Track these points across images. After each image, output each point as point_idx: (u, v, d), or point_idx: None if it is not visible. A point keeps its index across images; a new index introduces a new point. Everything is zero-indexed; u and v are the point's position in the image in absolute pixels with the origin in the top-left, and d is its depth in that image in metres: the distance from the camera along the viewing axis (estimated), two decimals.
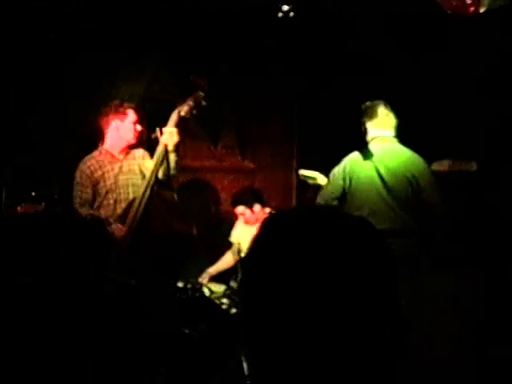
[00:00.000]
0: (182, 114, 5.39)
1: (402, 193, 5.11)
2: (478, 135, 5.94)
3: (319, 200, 5.29)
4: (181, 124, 5.40)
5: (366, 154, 5.18)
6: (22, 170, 5.88)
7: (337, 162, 7.04)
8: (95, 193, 5.38)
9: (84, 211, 5.27)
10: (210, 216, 7.36)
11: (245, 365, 4.10)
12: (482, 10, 5.25)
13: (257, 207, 6.07)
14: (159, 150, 5.35)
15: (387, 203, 5.10)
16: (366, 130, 5.32)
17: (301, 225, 1.24)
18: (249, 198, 6.13)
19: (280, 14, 6.23)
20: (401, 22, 6.04)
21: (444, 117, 6.08)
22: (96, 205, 5.37)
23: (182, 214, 5.54)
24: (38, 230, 2.06)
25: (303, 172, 5.71)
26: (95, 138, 5.81)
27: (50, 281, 1.97)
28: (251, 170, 7.45)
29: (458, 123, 6.02)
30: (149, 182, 5.28)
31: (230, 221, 6.62)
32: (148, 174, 5.33)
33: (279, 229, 1.26)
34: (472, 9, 5.22)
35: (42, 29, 6.27)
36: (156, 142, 5.53)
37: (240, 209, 6.11)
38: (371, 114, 5.28)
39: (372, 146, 5.24)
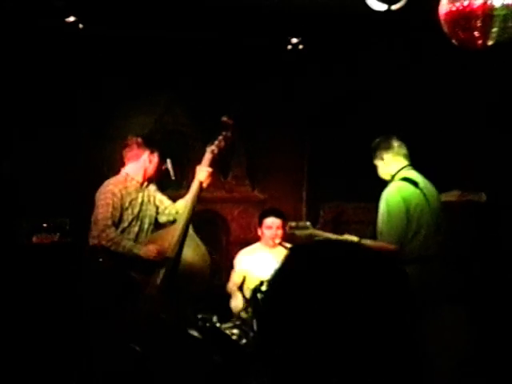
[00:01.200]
0: (216, 152, 5.53)
1: (440, 218, 5.16)
2: (488, 166, 5.96)
3: (391, 239, 5.04)
4: (213, 163, 5.55)
5: (413, 182, 5.17)
6: (33, 201, 5.91)
7: (347, 192, 7.12)
8: (120, 217, 5.38)
9: (111, 232, 5.25)
10: (221, 246, 7.40)
11: None
12: (489, 43, 5.28)
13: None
14: (195, 188, 5.50)
15: (435, 229, 5.13)
16: (384, 162, 5.29)
17: (323, 260, 1.26)
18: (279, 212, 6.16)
19: (289, 47, 6.31)
20: (409, 52, 6.09)
21: (454, 147, 6.12)
22: (119, 230, 5.38)
23: (203, 247, 5.60)
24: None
25: (291, 223, 5.67)
26: (105, 169, 5.86)
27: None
28: (261, 201, 7.48)
29: (468, 154, 6.05)
30: (186, 220, 5.41)
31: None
32: (185, 211, 5.46)
33: (302, 263, 1.27)
34: (480, 42, 5.25)
35: (57, 55, 6.36)
36: (166, 172, 5.57)
37: (270, 220, 6.09)
38: (387, 146, 5.28)
39: (408, 174, 5.22)
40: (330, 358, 1.19)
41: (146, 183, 5.54)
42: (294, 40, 6.26)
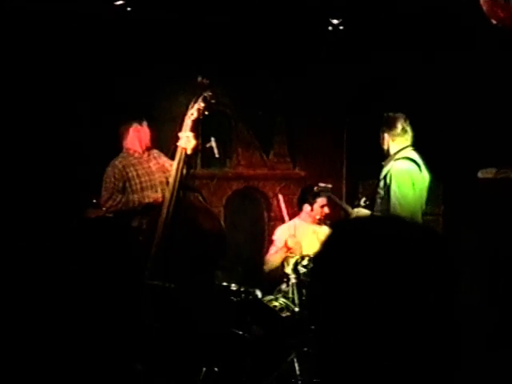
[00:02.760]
0: (195, 116, 5.44)
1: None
2: None
3: (405, 213, 5.35)
4: (195, 126, 5.46)
5: (417, 164, 5.46)
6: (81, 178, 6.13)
7: None
8: (130, 187, 5.66)
9: (117, 197, 5.60)
10: (263, 222, 7.57)
11: (296, 365, 4.27)
12: None
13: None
14: (178, 155, 5.40)
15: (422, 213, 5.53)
16: (388, 137, 5.55)
17: (367, 232, 1.28)
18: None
19: (330, 28, 6.41)
20: (445, 33, 6.15)
21: (491, 124, 6.18)
22: (135, 200, 5.67)
23: (211, 213, 5.63)
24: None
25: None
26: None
27: None
28: (302, 178, 7.63)
29: (506, 130, 6.11)
30: (173, 187, 5.37)
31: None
32: (170, 179, 5.44)
33: (347, 235, 1.30)
34: None
35: (93, 42, 6.53)
36: (210, 150, 5.69)
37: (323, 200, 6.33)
38: (391, 126, 5.57)
39: (410, 155, 5.46)
40: (376, 331, 1.20)
41: (146, 153, 5.81)
42: (335, 21, 6.35)
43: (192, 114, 5.41)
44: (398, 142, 5.57)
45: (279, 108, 7.46)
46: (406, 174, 5.44)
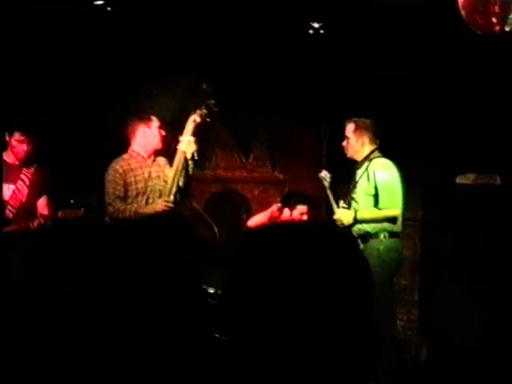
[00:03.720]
0: (198, 121, 5.54)
1: None
2: (503, 149, 6.07)
3: (396, 205, 5.66)
4: (196, 132, 5.56)
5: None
6: (60, 178, 6.08)
7: None
8: (126, 193, 5.58)
9: (117, 204, 5.48)
10: (241, 225, 7.56)
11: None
12: (507, 29, 5.36)
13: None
14: (178, 158, 5.50)
15: None
16: (363, 142, 5.80)
17: (278, 239, 1.32)
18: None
19: (311, 31, 6.43)
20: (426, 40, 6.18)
21: (469, 130, 6.22)
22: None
23: (205, 220, 5.65)
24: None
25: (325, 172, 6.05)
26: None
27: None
28: (281, 181, 7.63)
29: (483, 137, 6.15)
30: (170, 191, 5.45)
31: None
32: (168, 182, 5.50)
33: (257, 243, 1.35)
34: (497, 28, 5.33)
35: (84, 39, 6.51)
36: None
37: (303, 207, 6.35)
38: (366, 128, 5.80)
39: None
40: (280, 326, 1.24)
41: (152, 158, 5.70)
42: (316, 25, 6.36)
43: (194, 119, 5.54)
44: (372, 145, 5.78)
45: (258, 110, 7.45)
46: (393, 166, 5.65)
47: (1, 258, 5.52)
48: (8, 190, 5.67)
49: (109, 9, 6.08)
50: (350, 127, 5.82)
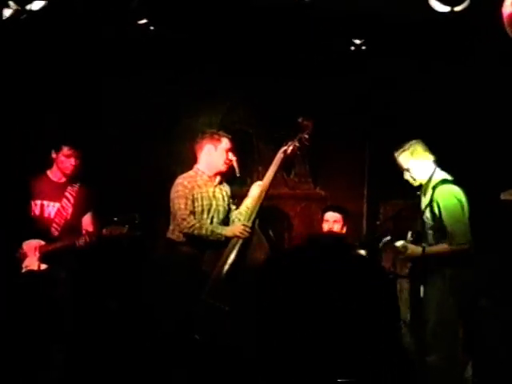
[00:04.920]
0: (288, 153, 5.66)
1: None
2: None
3: (468, 240, 5.21)
4: (284, 164, 5.73)
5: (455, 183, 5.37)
6: (106, 199, 6.14)
7: (407, 190, 7.20)
8: (194, 209, 5.57)
9: (191, 220, 5.46)
10: (284, 242, 7.56)
11: None
12: None
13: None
14: (264, 185, 5.67)
15: None
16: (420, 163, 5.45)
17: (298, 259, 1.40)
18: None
19: (352, 48, 6.44)
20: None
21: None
22: None
23: (265, 244, 5.69)
24: None
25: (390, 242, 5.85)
26: (175, 167, 6.07)
27: None
28: (323, 198, 7.62)
29: None
30: (250, 216, 5.55)
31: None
32: (250, 207, 5.61)
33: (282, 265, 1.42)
34: None
35: (126, 57, 6.60)
36: (232, 170, 5.71)
37: (328, 214, 6.37)
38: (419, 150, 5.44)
39: (443, 176, 5.40)
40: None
41: (217, 178, 5.71)
42: (357, 41, 6.38)
43: (286, 150, 5.68)
44: (428, 164, 5.44)
45: (300, 127, 7.45)
46: (459, 194, 5.27)
47: (47, 276, 5.59)
48: (53, 207, 5.74)
49: (152, 28, 6.14)
50: (401, 159, 5.50)
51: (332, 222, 6.33)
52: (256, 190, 5.59)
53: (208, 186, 5.65)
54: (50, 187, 5.77)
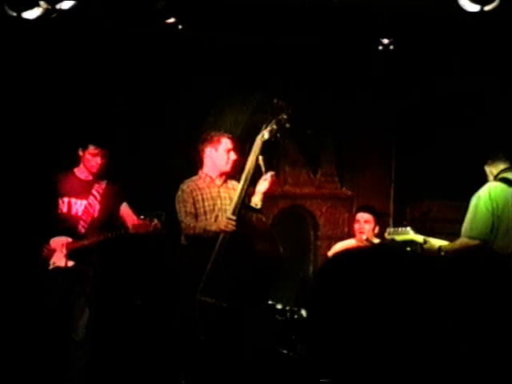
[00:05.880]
0: (266, 137, 5.42)
1: None
2: None
3: (473, 235, 5.18)
4: (264, 148, 5.44)
5: (508, 182, 5.29)
6: (131, 194, 6.16)
7: (434, 190, 7.17)
8: (196, 211, 5.59)
9: (188, 221, 5.51)
10: (309, 242, 7.56)
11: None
12: None
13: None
14: (243, 178, 5.43)
15: None
16: (488, 165, 5.44)
17: (362, 265, 1.32)
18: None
19: (380, 47, 6.41)
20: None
21: None
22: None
23: (271, 235, 5.59)
24: None
25: (390, 229, 5.83)
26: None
27: None
28: (349, 197, 7.60)
29: None
30: (235, 209, 5.37)
31: (328, 245, 6.83)
32: (233, 200, 5.44)
33: (341, 268, 1.34)
34: None
35: (155, 56, 6.62)
36: (258, 168, 5.69)
37: (359, 215, 6.34)
38: (492, 156, 5.43)
39: (507, 175, 5.35)
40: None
41: (221, 179, 5.69)
42: (385, 41, 6.35)
43: (263, 135, 5.43)
44: (498, 165, 5.40)
45: (328, 127, 7.45)
46: (477, 196, 5.24)
47: (74, 273, 5.63)
48: (80, 205, 5.78)
49: (180, 27, 6.16)
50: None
51: (363, 222, 6.30)
52: (263, 185, 5.50)
53: (211, 188, 5.66)
54: (77, 185, 5.80)
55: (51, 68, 6.41)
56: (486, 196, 5.20)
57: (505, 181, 5.28)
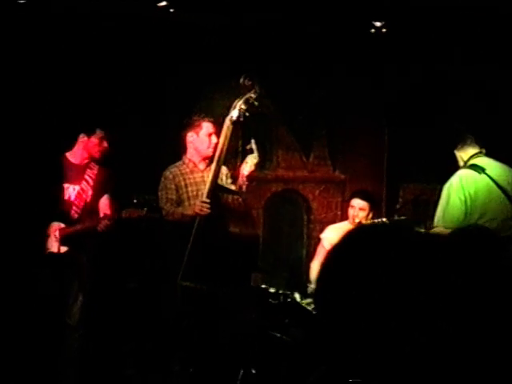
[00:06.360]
0: (234, 118, 5.40)
1: None
2: None
3: (446, 224, 5.22)
4: (235, 128, 5.44)
5: (480, 168, 5.33)
6: (123, 178, 6.15)
7: (426, 173, 7.17)
8: (179, 197, 5.64)
9: (168, 207, 5.56)
10: (302, 225, 7.56)
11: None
12: None
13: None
14: (215, 160, 5.42)
15: (509, 212, 5.26)
16: (458, 150, 5.48)
17: (379, 241, 1.29)
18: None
19: (372, 30, 6.40)
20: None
21: None
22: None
23: (248, 217, 5.58)
24: None
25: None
26: None
27: None
28: (342, 181, 7.61)
29: None
30: (208, 191, 5.39)
31: (321, 229, 6.84)
32: (207, 182, 5.44)
33: (359, 243, 1.31)
34: None
35: (146, 41, 6.59)
36: (251, 152, 5.68)
37: (354, 201, 6.33)
38: (461, 139, 5.46)
39: (477, 161, 5.38)
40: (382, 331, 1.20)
41: (204, 163, 5.70)
42: (378, 23, 6.33)
43: (232, 115, 5.40)
44: (468, 150, 5.49)
45: (319, 110, 7.44)
46: (449, 184, 5.34)
47: (68, 259, 5.62)
48: (73, 190, 5.76)
49: (172, 10, 6.12)
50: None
51: (358, 208, 6.28)
52: (246, 168, 5.48)
53: (195, 173, 5.69)
54: (69, 170, 5.78)
55: (50, 54, 6.38)
56: (458, 185, 5.27)
57: (475, 167, 5.32)
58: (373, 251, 1.27)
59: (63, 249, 5.58)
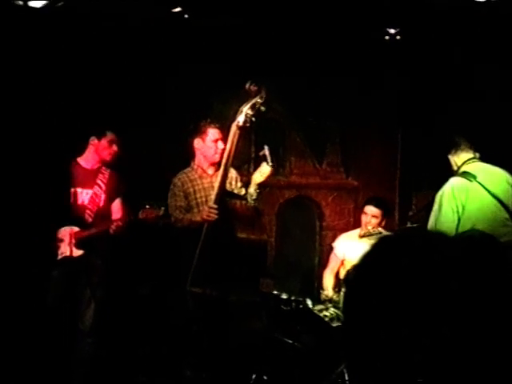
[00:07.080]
0: (241, 124, 5.37)
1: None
2: None
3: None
4: (242, 134, 5.41)
5: (471, 176, 5.29)
6: (134, 184, 6.16)
7: (439, 181, 7.14)
8: (188, 203, 5.64)
9: (177, 214, 5.56)
10: (315, 231, 7.55)
11: (346, 376, 4.22)
12: None
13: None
14: (222, 166, 5.40)
15: (505, 217, 5.23)
16: (451, 156, 5.47)
17: (410, 249, 1.29)
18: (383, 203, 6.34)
19: (387, 37, 6.39)
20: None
21: None
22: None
23: (256, 222, 5.57)
24: None
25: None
26: None
27: None
28: (355, 188, 7.60)
29: None
30: (216, 197, 5.37)
31: (334, 235, 6.83)
32: (215, 188, 5.43)
33: (389, 252, 1.30)
34: None
35: (158, 44, 6.60)
36: (264, 158, 5.68)
37: (368, 208, 6.30)
38: (453, 143, 5.45)
39: (469, 168, 5.36)
40: (411, 338, 1.19)
41: (212, 168, 5.69)
42: (392, 31, 6.32)
43: (238, 121, 5.38)
44: (461, 156, 5.46)
45: (333, 117, 7.43)
46: (441, 193, 5.30)
47: (82, 263, 5.63)
48: (86, 195, 5.78)
49: (186, 16, 6.13)
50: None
51: (371, 215, 6.24)
52: (258, 176, 5.47)
53: (204, 178, 5.69)
54: (81, 174, 5.80)
55: (56, 57, 6.40)
56: (450, 194, 5.23)
57: (467, 175, 5.29)
58: (389, 260, 1.28)
59: (78, 252, 5.60)
